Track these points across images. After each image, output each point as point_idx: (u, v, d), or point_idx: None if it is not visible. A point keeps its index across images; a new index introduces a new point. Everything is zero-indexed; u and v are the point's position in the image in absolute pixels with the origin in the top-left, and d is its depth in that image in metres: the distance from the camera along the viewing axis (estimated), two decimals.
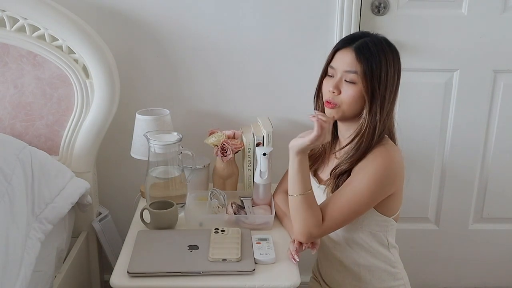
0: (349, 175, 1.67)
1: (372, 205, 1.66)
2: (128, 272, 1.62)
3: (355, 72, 1.62)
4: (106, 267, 2.44)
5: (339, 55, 1.67)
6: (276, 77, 2.39)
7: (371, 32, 1.70)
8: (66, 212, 1.97)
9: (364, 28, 2.33)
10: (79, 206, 2.15)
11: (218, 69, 2.37)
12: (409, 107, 2.47)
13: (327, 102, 1.68)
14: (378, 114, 1.63)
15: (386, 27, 2.35)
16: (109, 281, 1.62)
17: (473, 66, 2.43)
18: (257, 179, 2.00)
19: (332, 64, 1.68)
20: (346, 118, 1.70)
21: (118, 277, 1.62)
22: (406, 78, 2.39)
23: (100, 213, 2.37)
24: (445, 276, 2.79)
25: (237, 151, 2.17)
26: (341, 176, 1.69)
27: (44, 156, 2.02)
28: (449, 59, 2.42)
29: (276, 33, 2.33)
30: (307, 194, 1.64)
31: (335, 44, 1.70)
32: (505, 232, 2.71)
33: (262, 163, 1.98)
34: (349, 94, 1.64)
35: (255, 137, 2.14)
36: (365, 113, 1.64)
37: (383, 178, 1.61)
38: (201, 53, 2.35)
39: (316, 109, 1.80)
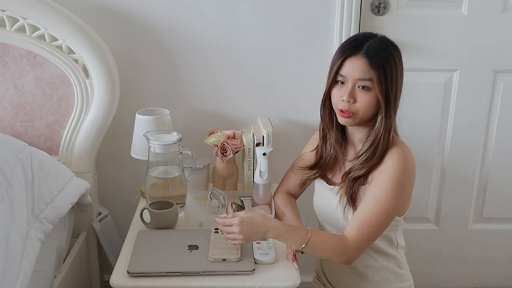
0: (365, 178, 1.67)
1: (399, 209, 1.65)
2: (128, 272, 1.62)
3: (369, 80, 1.60)
4: (106, 267, 2.44)
5: (349, 63, 1.62)
6: (276, 77, 2.39)
7: (372, 32, 1.69)
8: (66, 212, 1.97)
9: (364, 28, 2.33)
10: (79, 206, 2.15)
11: (218, 69, 2.38)
12: (409, 107, 2.44)
13: (342, 111, 1.66)
14: (392, 115, 1.64)
15: (386, 27, 2.35)
16: (109, 281, 1.62)
17: (473, 66, 2.43)
18: (257, 179, 2.00)
19: (341, 72, 1.64)
20: (360, 124, 1.69)
21: (118, 277, 1.62)
22: (406, 78, 2.38)
23: (100, 213, 2.37)
24: (445, 276, 2.79)
25: (237, 151, 2.17)
26: (356, 180, 1.68)
27: (44, 156, 2.02)
28: (449, 59, 2.42)
29: (276, 33, 2.33)
30: (309, 241, 1.61)
31: (338, 50, 1.67)
32: (505, 232, 2.71)
33: (262, 163, 1.98)
34: (365, 101, 1.62)
35: (255, 137, 2.14)
36: (380, 117, 1.64)
37: (403, 180, 1.61)
38: (201, 53, 2.35)
39: (323, 118, 1.78)
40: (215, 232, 1.80)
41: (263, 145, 2.14)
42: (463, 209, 2.67)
